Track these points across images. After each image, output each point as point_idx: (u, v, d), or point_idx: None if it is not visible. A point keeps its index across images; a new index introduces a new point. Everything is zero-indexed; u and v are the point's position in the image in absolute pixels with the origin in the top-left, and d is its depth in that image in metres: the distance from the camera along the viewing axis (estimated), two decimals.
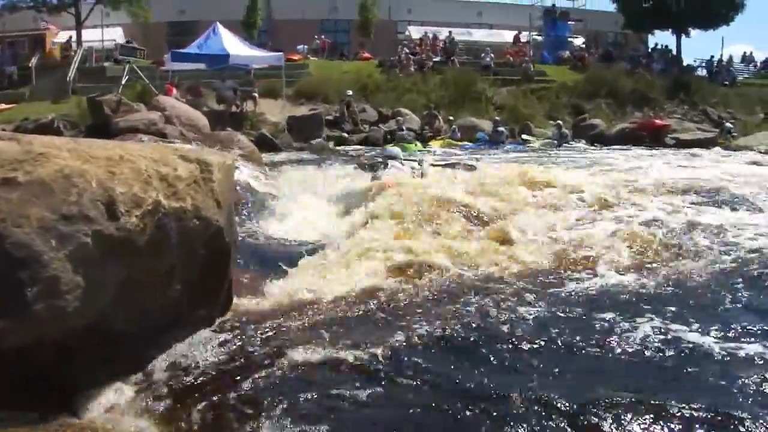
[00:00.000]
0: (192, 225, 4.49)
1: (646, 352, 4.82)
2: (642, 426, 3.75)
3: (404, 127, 26.74)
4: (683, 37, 44.70)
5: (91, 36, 37.72)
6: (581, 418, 3.82)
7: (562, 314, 5.59)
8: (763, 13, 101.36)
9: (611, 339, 5.04)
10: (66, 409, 3.77)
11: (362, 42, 43.33)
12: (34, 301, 3.47)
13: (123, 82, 28.51)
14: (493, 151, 24.31)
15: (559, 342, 4.98)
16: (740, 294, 6.20)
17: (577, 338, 5.04)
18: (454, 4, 52.34)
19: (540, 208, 9.72)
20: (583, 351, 4.87)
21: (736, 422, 3.79)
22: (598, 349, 4.89)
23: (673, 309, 5.66)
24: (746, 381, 4.31)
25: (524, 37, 45.54)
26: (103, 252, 3.81)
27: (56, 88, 31.35)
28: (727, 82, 41.87)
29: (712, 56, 45.63)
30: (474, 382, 4.29)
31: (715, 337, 5.04)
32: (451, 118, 29.41)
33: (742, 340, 4.99)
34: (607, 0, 46.59)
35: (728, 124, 30.16)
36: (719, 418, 3.82)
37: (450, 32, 42.20)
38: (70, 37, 37.65)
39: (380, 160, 14.23)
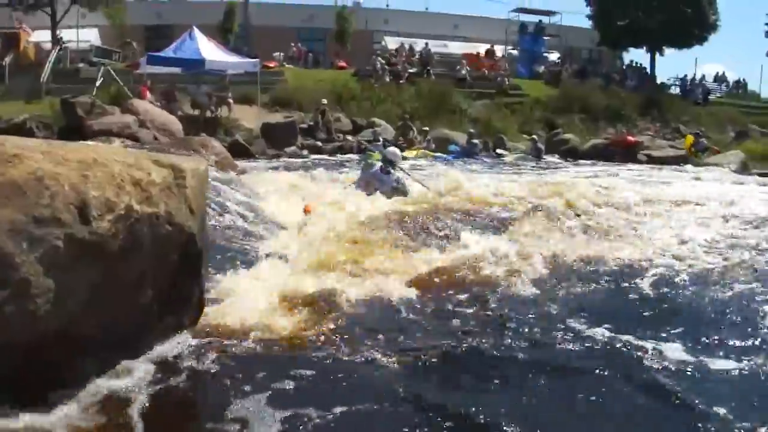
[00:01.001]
0: (164, 231, 4.49)
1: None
2: None
3: (381, 138, 26.74)
4: (657, 55, 45.19)
5: (66, 36, 37.52)
6: None
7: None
8: (736, 35, 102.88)
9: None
10: (33, 413, 3.74)
11: (338, 51, 43.38)
12: (4, 303, 3.46)
13: (97, 84, 28.37)
14: (480, 165, 24.39)
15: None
16: None
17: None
18: (431, 16, 52.65)
19: None
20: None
21: None
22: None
23: None
24: None
25: (500, 51, 45.79)
26: (74, 256, 3.80)
27: (30, 88, 31.13)
28: (700, 99, 42.41)
29: (686, 75, 46.30)
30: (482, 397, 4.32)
31: None
32: (426, 129, 29.44)
33: None
34: (583, 17, 46.93)
35: (703, 140, 30.37)
36: None
37: (426, 44, 42.30)
38: (60, 37, 37.42)
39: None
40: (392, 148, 13.82)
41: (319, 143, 27.27)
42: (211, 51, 27.34)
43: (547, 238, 8.88)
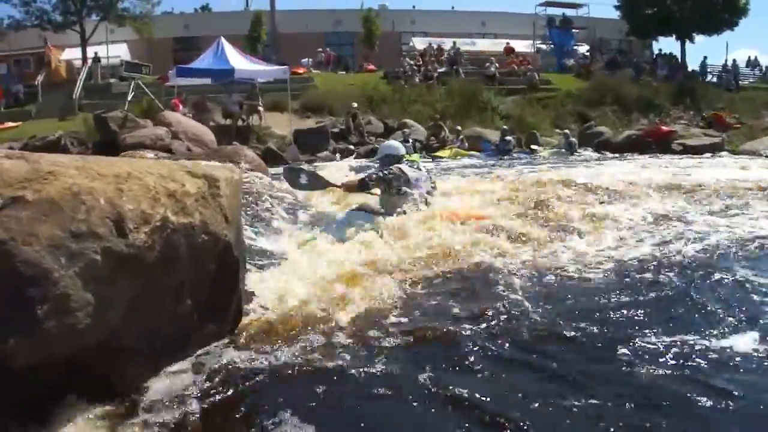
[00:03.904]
0: (200, 240, 4.50)
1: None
2: None
3: (410, 139, 26.80)
4: (687, 43, 44.84)
5: (96, 53, 37.98)
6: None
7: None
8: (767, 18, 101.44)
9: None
10: (74, 426, 3.76)
11: (367, 54, 43.50)
12: (45, 318, 3.47)
13: (129, 98, 28.61)
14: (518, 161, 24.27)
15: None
16: None
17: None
18: (458, 15, 52.69)
19: None
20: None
21: None
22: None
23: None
24: None
25: (528, 46, 45.76)
26: (112, 269, 3.81)
27: (63, 106, 31.55)
28: (733, 85, 42.02)
29: (705, 57, 46.11)
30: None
31: None
32: (458, 128, 29.40)
33: None
34: (611, 7, 46.66)
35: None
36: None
37: (454, 42, 42.31)
38: (96, 53, 37.91)
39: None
40: (386, 142, 11.72)
41: (352, 147, 27.35)
42: (239, 60, 27.46)
43: None
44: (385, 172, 9.10)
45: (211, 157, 13.75)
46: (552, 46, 46.49)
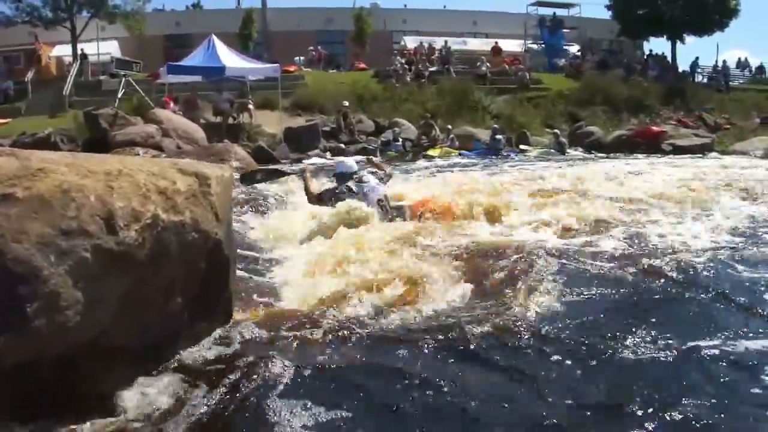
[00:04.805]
0: (191, 238, 4.49)
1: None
2: None
3: (400, 138, 26.80)
4: (678, 43, 44.92)
5: (87, 50, 37.85)
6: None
7: None
8: (757, 19, 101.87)
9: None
10: (66, 424, 3.75)
11: (358, 53, 43.47)
12: (35, 316, 3.46)
13: (119, 95, 28.53)
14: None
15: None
16: None
17: None
18: (450, 14, 52.64)
19: None
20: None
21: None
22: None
23: None
24: None
25: (519, 45, 45.83)
26: (102, 266, 3.80)
27: (53, 103, 31.42)
28: (723, 86, 42.14)
29: (697, 58, 46.19)
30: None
31: None
32: (449, 127, 29.39)
33: None
34: (602, 7, 46.72)
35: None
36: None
37: (446, 41, 42.27)
38: (82, 50, 37.81)
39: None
40: (341, 160, 11.19)
41: (342, 145, 27.31)
42: (230, 58, 27.42)
43: None
44: (338, 191, 9.55)
45: (201, 155, 13.75)
46: (543, 45, 46.60)
